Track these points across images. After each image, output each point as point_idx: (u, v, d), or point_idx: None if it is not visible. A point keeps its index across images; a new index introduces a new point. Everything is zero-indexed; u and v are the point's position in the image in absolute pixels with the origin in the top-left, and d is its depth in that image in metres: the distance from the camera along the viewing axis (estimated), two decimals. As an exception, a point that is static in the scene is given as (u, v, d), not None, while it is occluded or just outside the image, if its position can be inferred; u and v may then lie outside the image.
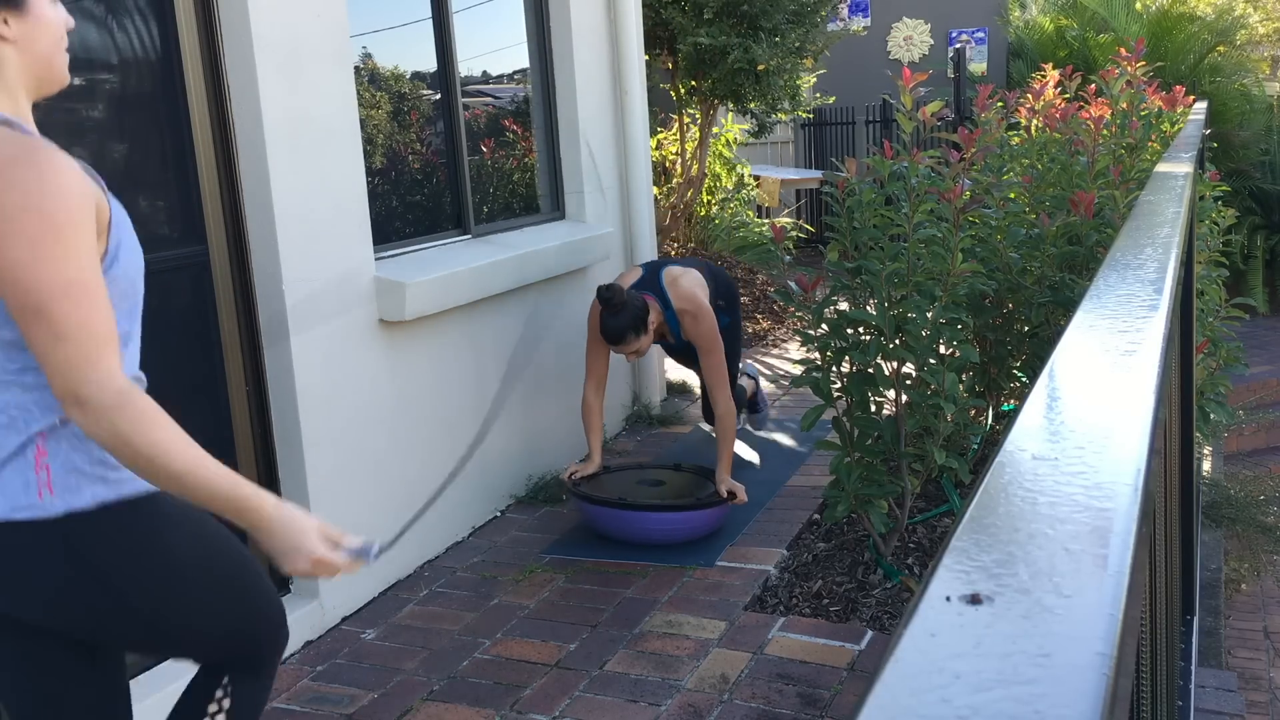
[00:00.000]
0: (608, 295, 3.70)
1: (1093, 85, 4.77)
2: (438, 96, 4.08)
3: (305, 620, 3.22)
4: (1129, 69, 4.42)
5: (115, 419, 1.36)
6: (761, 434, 4.98)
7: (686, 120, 7.42)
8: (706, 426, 4.06)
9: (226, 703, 1.75)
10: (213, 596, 1.62)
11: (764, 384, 5.86)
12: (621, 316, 3.69)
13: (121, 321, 1.52)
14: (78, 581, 1.50)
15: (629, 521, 3.67)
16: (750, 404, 4.19)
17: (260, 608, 1.72)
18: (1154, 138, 4.12)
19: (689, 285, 3.83)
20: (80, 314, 1.37)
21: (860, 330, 3.32)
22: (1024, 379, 4.01)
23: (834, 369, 3.30)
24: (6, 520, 1.46)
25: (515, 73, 4.66)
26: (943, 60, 10.90)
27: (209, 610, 1.62)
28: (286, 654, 3.14)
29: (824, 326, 3.28)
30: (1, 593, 1.52)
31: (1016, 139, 4.63)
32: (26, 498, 1.46)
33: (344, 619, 3.37)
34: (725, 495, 3.75)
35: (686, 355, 4.21)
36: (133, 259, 1.53)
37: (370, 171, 3.62)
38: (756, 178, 9.22)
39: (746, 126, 7.62)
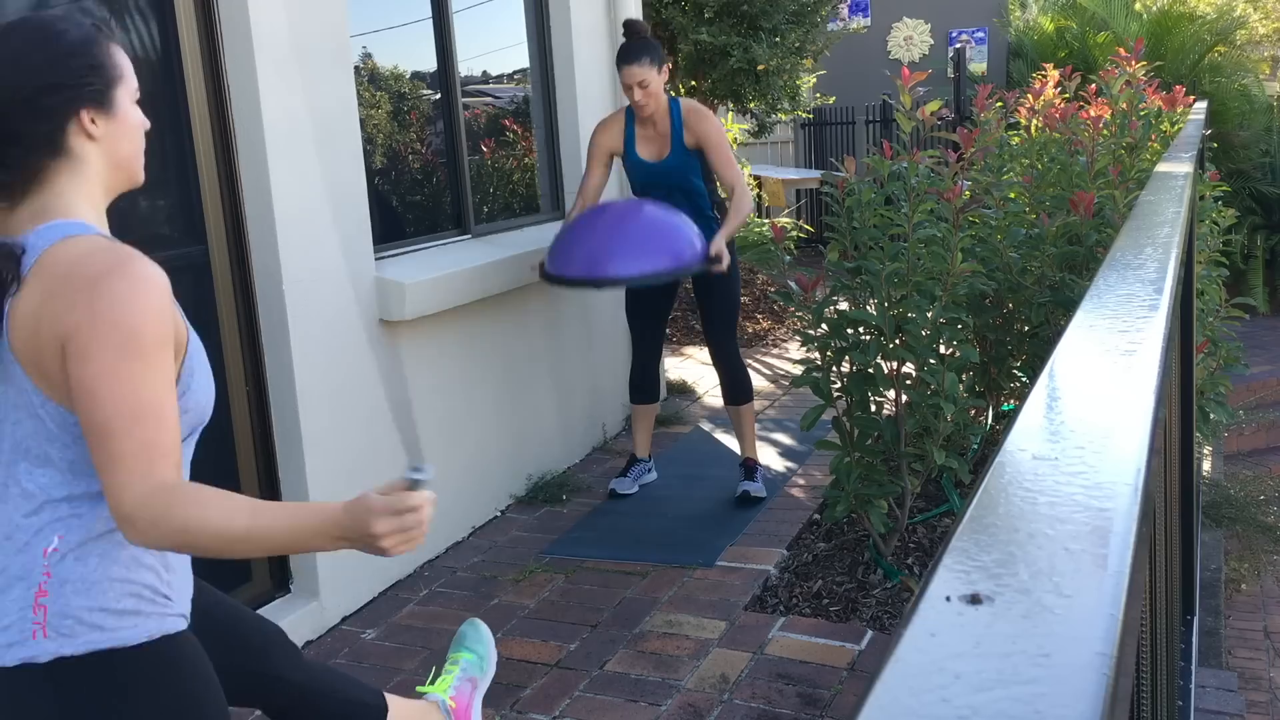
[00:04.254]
0: (634, 23, 3.91)
1: (1093, 85, 4.77)
2: (438, 96, 4.08)
3: (305, 620, 3.22)
4: (1129, 69, 4.42)
5: (168, 514, 1.33)
6: (763, 434, 4.98)
7: (686, 120, 7.41)
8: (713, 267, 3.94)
9: None
10: None
11: (764, 384, 5.86)
12: (642, 43, 3.82)
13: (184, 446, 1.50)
14: None
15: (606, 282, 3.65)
16: (749, 470, 4.19)
17: None
18: (1154, 138, 4.12)
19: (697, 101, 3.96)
20: (146, 436, 1.35)
21: (860, 330, 3.32)
22: (1024, 379, 4.01)
23: (834, 369, 3.30)
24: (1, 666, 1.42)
25: (515, 73, 4.66)
26: (943, 60, 10.90)
27: None
28: (286, 654, 3.14)
29: (824, 326, 3.28)
30: None
31: (1016, 139, 4.63)
32: (20, 634, 1.42)
33: (344, 619, 3.37)
34: (713, 254, 3.69)
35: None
36: (205, 388, 1.50)
37: (370, 171, 3.62)
38: (758, 178, 9.22)
39: (746, 126, 7.61)
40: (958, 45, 10.46)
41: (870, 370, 3.23)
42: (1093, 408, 0.79)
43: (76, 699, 1.44)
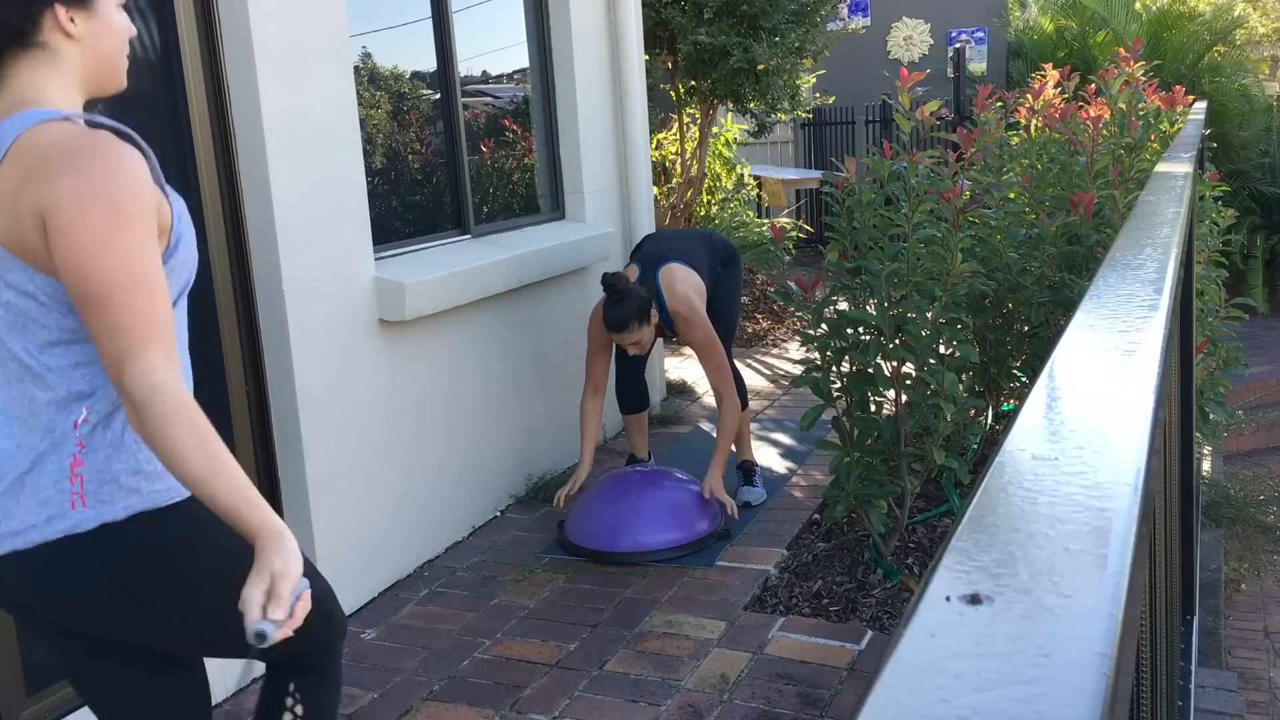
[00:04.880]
0: (612, 282, 3.71)
1: (1092, 85, 4.77)
2: (438, 96, 4.08)
3: (305, 620, 3.22)
4: (1128, 69, 4.42)
5: (144, 415, 1.37)
6: (763, 434, 4.98)
7: (686, 120, 7.42)
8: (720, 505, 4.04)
9: (299, 709, 1.73)
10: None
11: (764, 384, 5.86)
12: (625, 305, 3.69)
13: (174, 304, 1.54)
14: (119, 592, 1.49)
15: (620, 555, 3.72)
16: (747, 472, 4.21)
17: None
18: (1153, 138, 4.12)
19: (685, 290, 3.80)
20: (138, 305, 1.38)
21: (860, 330, 3.32)
22: (1024, 379, 4.02)
23: (834, 369, 3.30)
24: (44, 541, 1.46)
25: (515, 73, 4.66)
26: (942, 60, 10.90)
27: None
28: (286, 654, 3.14)
29: (824, 326, 3.28)
30: (54, 609, 1.52)
31: (1016, 139, 4.63)
32: (58, 506, 1.45)
33: (344, 619, 3.37)
34: (707, 496, 3.74)
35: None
36: (190, 247, 1.55)
37: (370, 171, 3.62)
38: (757, 178, 9.22)
39: (746, 126, 7.61)
40: (957, 45, 10.46)
41: (870, 370, 3.23)
42: (1093, 408, 0.79)
43: (124, 563, 1.48)
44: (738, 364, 4.18)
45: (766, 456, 4.64)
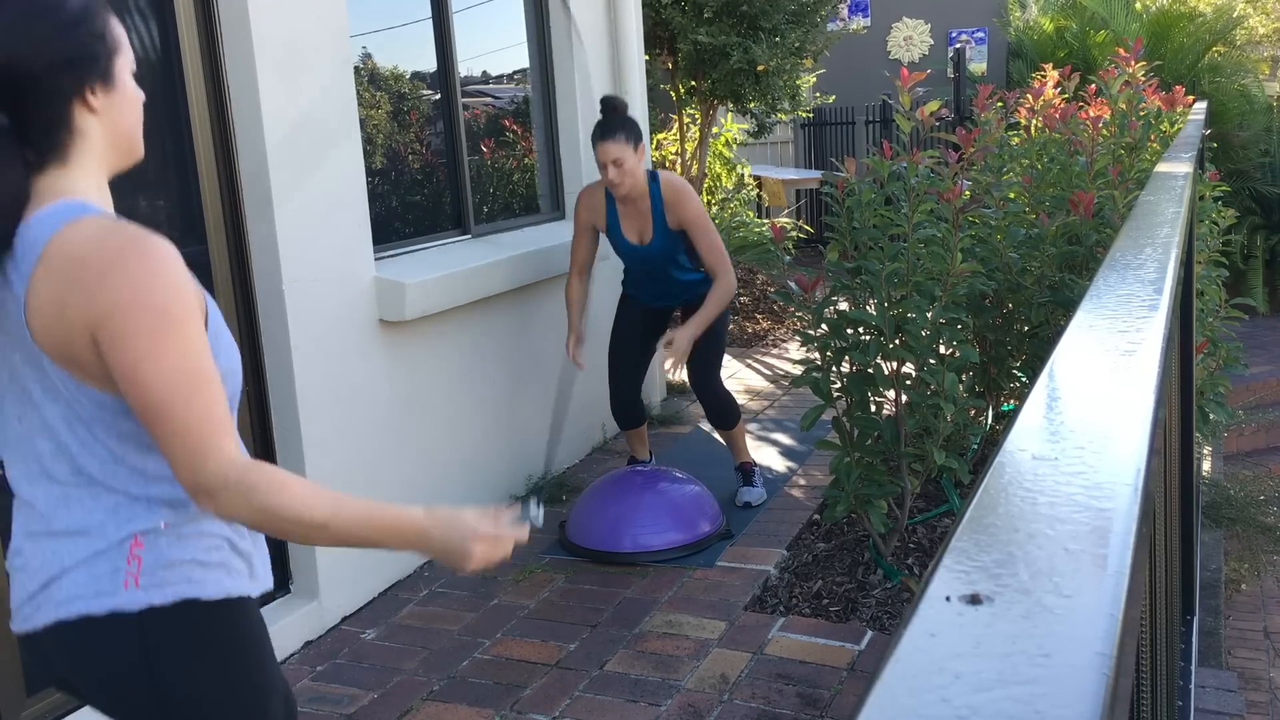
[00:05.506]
0: (611, 99, 3.82)
1: (1092, 85, 4.77)
2: (438, 96, 4.08)
3: (305, 620, 3.22)
4: (1128, 69, 4.42)
5: (250, 497, 1.36)
6: (763, 434, 4.98)
7: (686, 120, 7.42)
8: (666, 368, 4.00)
9: None
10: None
11: (764, 384, 5.86)
12: (619, 120, 3.75)
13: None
14: (142, 677, 1.48)
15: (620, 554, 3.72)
16: (746, 473, 4.22)
17: None
18: (1153, 138, 4.12)
19: (677, 176, 3.89)
20: (199, 404, 1.36)
21: (860, 330, 3.32)
22: (1024, 379, 4.02)
23: (834, 369, 3.30)
24: (86, 615, 1.45)
25: (515, 73, 4.66)
26: (943, 60, 10.90)
27: None
28: (287, 653, 3.15)
29: (824, 326, 3.28)
30: (76, 681, 1.51)
31: (1016, 139, 4.63)
32: (112, 584, 1.44)
33: (344, 619, 3.37)
34: (665, 342, 3.73)
35: (664, 293, 4.08)
36: (231, 352, 1.51)
37: (370, 171, 3.62)
38: (757, 178, 9.22)
39: (746, 126, 7.61)
40: (957, 45, 10.46)
41: (870, 370, 3.23)
42: (1093, 408, 0.79)
43: (160, 647, 1.47)
44: (725, 383, 4.16)
45: (766, 456, 4.64)
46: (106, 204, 1.47)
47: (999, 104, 4.51)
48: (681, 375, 3.96)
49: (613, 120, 3.73)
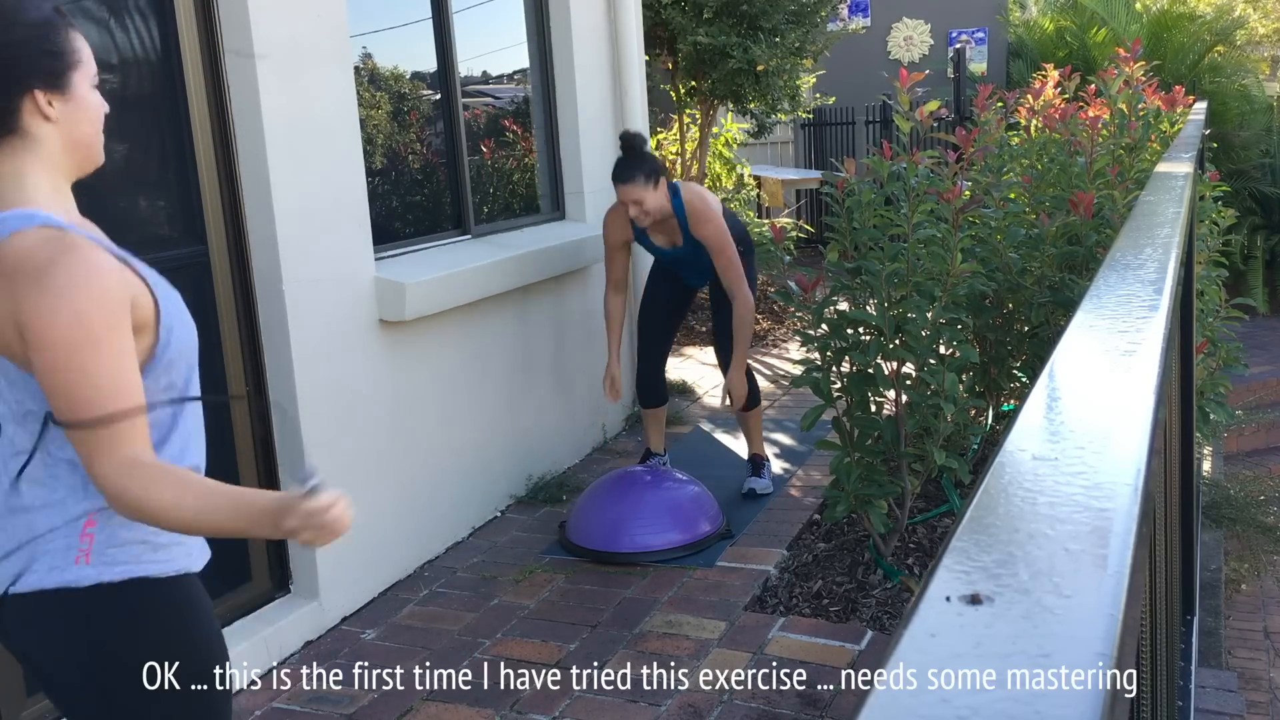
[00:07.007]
0: (630, 137, 3.84)
1: (1092, 85, 4.77)
2: (438, 96, 4.08)
3: (305, 620, 3.22)
4: (1128, 69, 4.42)
5: (127, 501, 1.42)
6: (763, 434, 4.98)
7: (686, 120, 7.42)
8: (724, 404, 4.08)
9: None
10: (182, 708, 1.59)
11: (763, 383, 5.86)
12: (637, 160, 3.79)
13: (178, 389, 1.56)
14: (81, 650, 1.52)
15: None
16: (756, 464, 4.29)
17: None
18: (1153, 138, 4.11)
19: (700, 190, 3.94)
20: (99, 412, 1.42)
21: (860, 330, 3.32)
22: (1024, 379, 4.01)
23: (834, 369, 3.30)
24: (39, 589, 1.50)
25: (515, 73, 4.66)
26: (943, 60, 10.89)
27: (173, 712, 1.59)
28: (287, 653, 3.15)
29: (824, 326, 3.28)
30: (30, 656, 1.55)
31: (1016, 139, 4.63)
32: (64, 560, 1.50)
33: (344, 619, 3.37)
34: (724, 397, 3.90)
35: (682, 285, 4.22)
36: (186, 338, 1.56)
37: (370, 171, 3.62)
38: (757, 178, 9.22)
39: (746, 126, 7.61)
40: (957, 45, 10.46)
41: (870, 370, 3.23)
42: (1093, 408, 0.79)
43: (106, 623, 1.53)
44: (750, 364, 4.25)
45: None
46: (65, 207, 1.52)
47: (999, 104, 4.51)
48: (738, 406, 4.11)
49: (628, 163, 3.79)
